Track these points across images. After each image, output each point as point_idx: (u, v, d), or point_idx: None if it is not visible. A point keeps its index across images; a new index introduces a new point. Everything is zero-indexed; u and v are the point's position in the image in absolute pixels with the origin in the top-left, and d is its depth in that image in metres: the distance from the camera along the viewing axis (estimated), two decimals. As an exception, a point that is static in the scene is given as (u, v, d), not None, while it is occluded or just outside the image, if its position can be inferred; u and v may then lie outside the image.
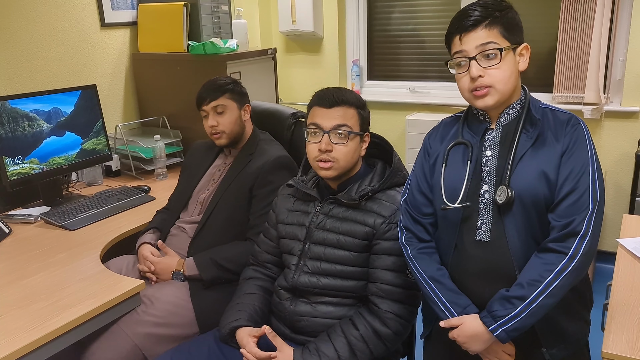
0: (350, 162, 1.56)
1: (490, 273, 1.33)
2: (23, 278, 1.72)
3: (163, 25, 2.93)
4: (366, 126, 1.60)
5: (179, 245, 1.99)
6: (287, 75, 3.98)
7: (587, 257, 1.24)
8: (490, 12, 1.29)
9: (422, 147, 1.51)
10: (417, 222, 1.45)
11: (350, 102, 1.55)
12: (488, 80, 1.30)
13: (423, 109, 3.65)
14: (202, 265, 1.86)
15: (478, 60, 1.29)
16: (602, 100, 3.04)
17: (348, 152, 1.54)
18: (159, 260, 1.91)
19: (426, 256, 1.42)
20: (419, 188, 1.47)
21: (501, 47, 1.28)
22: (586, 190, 1.25)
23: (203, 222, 1.97)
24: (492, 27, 1.29)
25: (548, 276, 1.23)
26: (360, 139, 1.57)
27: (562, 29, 3.07)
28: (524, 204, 1.29)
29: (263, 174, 1.95)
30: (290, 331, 1.61)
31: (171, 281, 1.89)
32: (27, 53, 2.57)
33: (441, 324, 1.35)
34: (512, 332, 1.25)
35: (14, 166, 2.18)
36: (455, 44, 1.33)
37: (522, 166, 1.31)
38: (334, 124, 1.52)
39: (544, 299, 1.23)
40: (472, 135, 1.40)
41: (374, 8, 3.80)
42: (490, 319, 1.27)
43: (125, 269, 1.95)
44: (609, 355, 1.26)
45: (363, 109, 1.58)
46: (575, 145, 1.28)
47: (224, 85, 2.03)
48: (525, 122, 1.34)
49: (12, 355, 1.35)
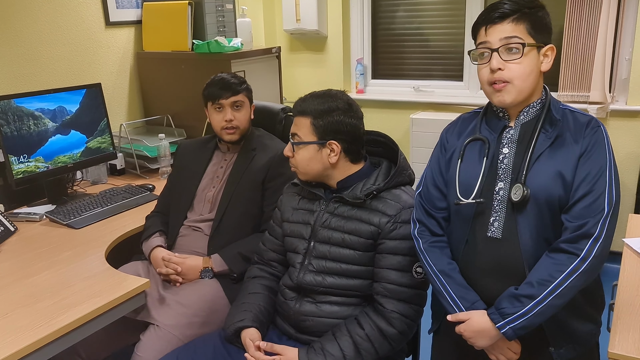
0: (309, 171, 1.58)
1: (500, 270, 1.34)
2: (28, 276, 1.73)
3: (167, 23, 2.94)
4: (326, 135, 1.54)
5: (194, 244, 1.99)
6: (291, 74, 3.98)
7: (598, 260, 1.24)
8: (520, 7, 1.29)
9: (439, 142, 1.52)
10: (431, 215, 1.46)
11: (305, 112, 1.56)
12: (507, 75, 1.30)
13: (427, 108, 3.64)
14: (231, 260, 1.89)
15: (500, 52, 1.29)
16: (608, 99, 3.03)
17: (302, 160, 1.57)
18: (183, 260, 1.91)
19: (437, 250, 1.42)
20: (433, 182, 1.47)
21: (525, 42, 1.28)
22: (602, 193, 1.25)
23: (219, 219, 1.98)
24: (519, 22, 1.29)
25: (558, 276, 1.23)
26: (318, 148, 1.56)
27: (567, 27, 3.06)
28: (538, 203, 1.29)
29: (274, 166, 1.98)
30: (295, 331, 1.61)
31: (200, 281, 1.89)
32: (32, 52, 2.58)
33: (449, 318, 1.36)
34: (519, 330, 1.25)
35: (20, 165, 2.18)
36: (481, 35, 1.33)
37: (538, 165, 1.30)
38: (291, 132, 1.60)
39: (553, 299, 1.22)
40: (490, 132, 1.40)
41: (379, 7, 3.80)
42: (498, 315, 1.28)
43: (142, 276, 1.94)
44: (615, 355, 1.26)
45: (320, 117, 1.54)
46: (593, 148, 1.28)
47: (243, 82, 2.06)
48: (545, 121, 1.33)
49: (18, 354, 1.35)
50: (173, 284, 1.89)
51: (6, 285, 1.67)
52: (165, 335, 1.70)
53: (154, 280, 1.89)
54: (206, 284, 1.87)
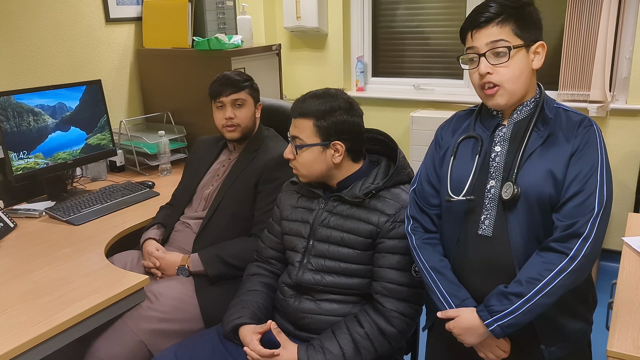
0: (312, 172, 1.57)
1: (491, 268, 1.34)
2: (28, 272, 1.73)
3: (168, 20, 2.93)
4: (330, 135, 1.54)
5: (183, 240, 2.00)
6: (292, 71, 3.98)
7: (588, 260, 1.24)
8: (505, 8, 1.28)
9: (434, 139, 1.52)
10: (424, 212, 1.46)
11: (306, 114, 1.55)
12: (496, 78, 1.30)
13: (427, 106, 3.64)
14: (207, 261, 1.87)
15: (487, 57, 1.30)
16: (608, 98, 3.03)
17: (305, 162, 1.56)
18: (164, 255, 1.92)
19: (430, 247, 1.43)
20: (427, 179, 1.47)
21: (511, 45, 1.27)
22: (593, 192, 1.24)
23: (208, 217, 1.97)
24: (504, 24, 1.28)
25: (547, 275, 1.23)
26: (322, 149, 1.55)
27: (568, 25, 3.05)
28: (529, 201, 1.29)
29: (268, 170, 1.95)
30: (294, 328, 1.61)
31: (176, 277, 1.89)
32: (32, 48, 2.57)
33: (438, 314, 1.37)
34: (507, 327, 1.26)
35: (19, 161, 2.18)
36: (468, 40, 1.33)
37: (529, 164, 1.31)
38: (292, 135, 1.58)
39: (541, 298, 1.23)
40: (484, 130, 1.40)
41: (379, 4, 3.79)
42: (486, 313, 1.28)
43: (129, 264, 1.95)
44: (614, 353, 1.26)
45: (323, 118, 1.53)
46: (585, 147, 1.28)
47: (246, 80, 2.05)
48: (538, 120, 1.33)
49: (17, 349, 1.36)
50: (155, 277, 1.91)
51: (5, 282, 1.67)
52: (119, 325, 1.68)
53: (137, 269, 1.91)
54: (180, 281, 1.86)
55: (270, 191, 1.92)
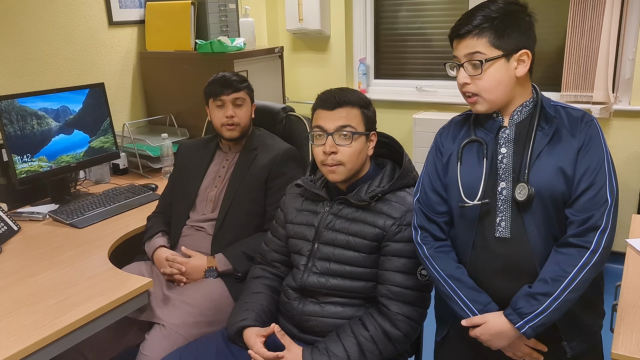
0: (357, 163, 1.55)
1: (512, 269, 1.34)
2: (32, 275, 1.73)
3: (170, 23, 2.94)
4: (371, 125, 1.58)
5: (197, 243, 1.99)
6: (294, 73, 3.98)
7: (607, 251, 1.27)
8: (485, 19, 1.29)
9: (434, 146, 1.51)
10: (432, 220, 1.45)
11: (353, 102, 1.53)
12: (473, 89, 1.34)
13: (430, 108, 3.64)
14: (235, 259, 1.89)
15: (465, 68, 1.33)
16: (611, 99, 3.03)
17: (353, 153, 1.52)
18: (188, 260, 1.91)
19: (444, 254, 1.42)
20: (432, 187, 1.47)
21: (485, 58, 1.29)
22: (604, 185, 1.27)
23: (222, 218, 1.98)
24: (480, 36, 1.30)
25: (572, 271, 1.25)
26: (366, 139, 1.56)
27: (570, 27, 3.05)
28: (543, 200, 1.30)
29: (276, 165, 1.99)
30: (298, 331, 1.61)
31: (204, 280, 1.89)
32: (35, 51, 2.58)
33: (463, 323, 1.36)
34: (538, 327, 1.27)
35: (23, 164, 2.18)
36: (454, 47, 1.36)
37: (539, 163, 1.32)
38: (337, 125, 1.52)
39: (569, 294, 1.25)
40: (486, 133, 1.40)
41: (381, 6, 3.79)
42: (516, 316, 1.28)
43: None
44: (619, 356, 1.26)
45: (367, 108, 1.56)
46: (590, 142, 1.30)
47: (243, 80, 2.07)
48: (540, 119, 1.35)
49: (21, 353, 1.36)
50: (177, 283, 1.89)
51: (9, 285, 1.68)
52: (171, 335, 1.70)
53: (157, 280, 1.89)
54: (211, 283, 1.88)
55: (281, 186, 1.94)
